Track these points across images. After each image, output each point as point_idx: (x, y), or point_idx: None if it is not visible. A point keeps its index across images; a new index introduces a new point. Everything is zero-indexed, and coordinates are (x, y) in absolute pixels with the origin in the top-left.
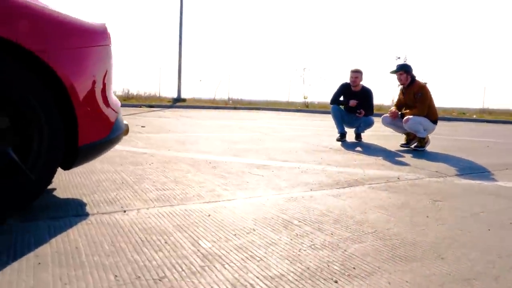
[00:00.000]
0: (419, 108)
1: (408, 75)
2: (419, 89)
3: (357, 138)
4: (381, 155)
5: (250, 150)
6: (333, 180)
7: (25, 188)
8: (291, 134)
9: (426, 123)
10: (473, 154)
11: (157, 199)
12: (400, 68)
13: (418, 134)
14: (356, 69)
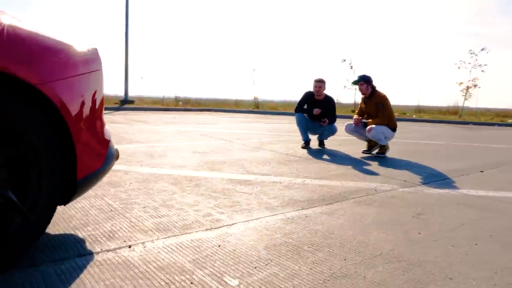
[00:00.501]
0: (381, 117)
1: (369, 86)
2: (381, 99)
3: (320, 145)
4: (350, 163)
5: (223, 162)
6: (319, 196)
7: (24, 231)
8: (255, 142)
9: (387, 131)
10: (428, 159)
11: (157, 228)
12: (361, 79)
13: (380, 142)
14: (319, 78)
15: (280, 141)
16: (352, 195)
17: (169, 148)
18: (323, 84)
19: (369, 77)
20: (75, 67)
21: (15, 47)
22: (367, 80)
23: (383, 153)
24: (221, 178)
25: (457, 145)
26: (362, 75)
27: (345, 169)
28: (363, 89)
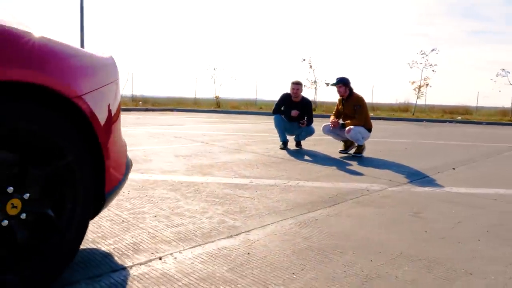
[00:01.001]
0: (358, 118)
1: (347, 88)
2: (358, 101)
3: (297, 145)
4: (332, 164)
5: (211, 166)
6: (318, 198)
7: (62, 249)
8: (232, 143)
9: (364, 132)
10: (402, 158)
11: (178, 238)
12: (339, 81)
13: (358, 142)
14: (297, 81)
15: (256, 142)
16: (348, 196)
17: (149, 152)
18: (300, 86)
19: (347, 79)
20: (102, 78)
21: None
22: (345, 83)
23: (360, 153)
24: (217, 182)
25: (422, 143)
26: (340, 77)
27: (330, 170)
28: (341, 91)
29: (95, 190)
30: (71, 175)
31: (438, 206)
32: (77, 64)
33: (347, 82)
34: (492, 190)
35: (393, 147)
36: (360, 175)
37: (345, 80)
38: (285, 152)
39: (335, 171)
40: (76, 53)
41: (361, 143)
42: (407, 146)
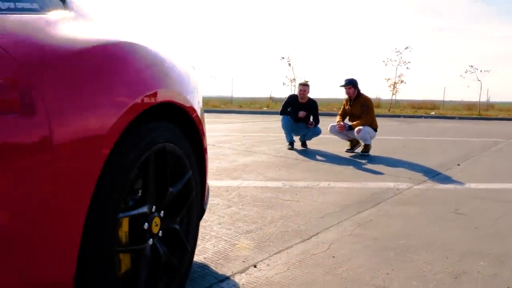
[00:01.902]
0: (366, 118)
1: (355, 89)
2: (365, 101)
3: (303, 145)
4: (347, 163)
5: (234, 169)
6: (357, 198)
7: (183, 263)
8: (238, 144)
9: (371, 131)
10: (406, 155)
11: (257, 245)
12: (348, 82)
13: (366, 142)
14: (304, 82)
15: (260, 143)
16: (384, 195)
17: None
18: (307, 88)
19: (355, 81)
20: (199, 90)
21: (172, 74)
22: (354, 84)
23: (367, 151)
24: (253, 186)
25: (415, 140)
26: (349, 79)
27: (350, 170)
28: (350, 92)
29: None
30: (190, 190)
31: (470, 203)
32: (183, 75)
33: (355, 84)
34: (509, 185)
35: (391, 145)
36: (380, 174)
37: (354, 82)
38: (295, 152)
39: (356, 171)
40: (177, 62)
41: (369, 143)
42: (403, 143)
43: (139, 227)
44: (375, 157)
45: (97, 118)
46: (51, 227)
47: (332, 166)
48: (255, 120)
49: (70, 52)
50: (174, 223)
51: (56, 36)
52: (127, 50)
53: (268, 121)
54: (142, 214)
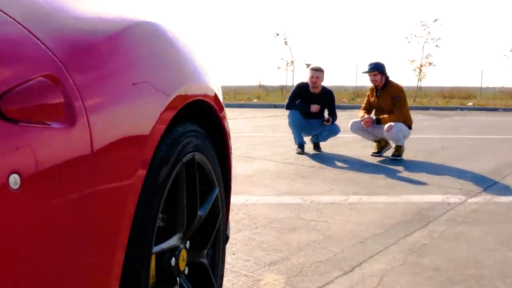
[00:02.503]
0: (398, 113)
1: (383, 76)
2: (397, 92)
3: (316, 148)
4: (376, 171)
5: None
6: (400, 216)
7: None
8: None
9: (405, 130)
10: (448, 159)
11: (290, 282)
12: (373, 67)
13: (398, 142)
14: (317, 67)
15: (258, 145)
16: (434, 212)
17: None
18: (321, 74)
19: (382, 65)
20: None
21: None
22: (381, 70)
23: (400, 155)
24: (265, 203)
25: (453, 138)
26: (374, 63)
27: (382, 179)
28: (376, 80)
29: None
30: (217, 212)
31: None
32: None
33: (382, 69)
34: None
35: (426, 145)
36: (422, 184)
37: (381, 66)
38: (308, 158)
39: (391, 181)
40: (206, 63)
41: (402, 143)
42: (441, 143)
43: (165, 263)
44: (410, 161)
45: (139, 120)
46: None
47: (359, 174)
48: (244, 115)
49: (111, 37)
50: (201, 256)
51: (90, 19)
52: (165, 33)
53: (261, 117)
54: (171, 247)
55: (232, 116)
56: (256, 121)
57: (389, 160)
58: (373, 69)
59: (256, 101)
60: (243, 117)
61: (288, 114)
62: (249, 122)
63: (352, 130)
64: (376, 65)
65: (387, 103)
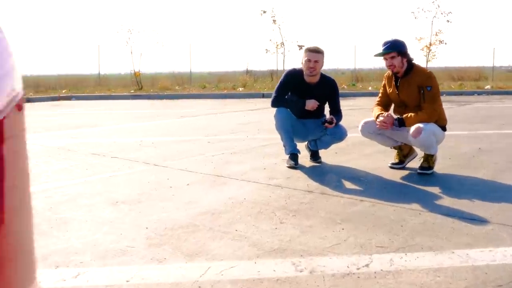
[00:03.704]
0: (428, 110)
1: (404, 58)
2: (426, 79)
3: (313, 158)
4: (403, 197)
5: (194, 228)
6: None
7: None
8: (200, 160)
9: (439, 132)
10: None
11: None
12: (390, 47)
13: (430, 151)
14: (315, 47)
15: (236, 154)
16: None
17: (58, 200)
18: (321, 56)
19: (401, 43)
20: None
21: None
22: (400, 49)
23: (431, 167)
24: (230, 280)
25: (486, 135)
26: (391, 41)
27: (416, 215)
28: (395, 65)
29: None
30: None
31: None
32: None
33: (402, 49)
34: None
35: (458, 148)
36: (481, 223)
37: (400, 45)
38: (303, 175)
39: (431, 219)
40: None
41: (434, 152)
42: (476, 143)
43: None
44: (445, 177)
45: None
46: None
47: (379, 206)
48: (226, 108)
49: None
50: None
51: None
52: None
53: (246, 110)
54: None
55: (210, 110)
56: (239, 116)
57: (417, 175)
58: (389, 50)
59: (241, 90)
60: (224, 112)
61: (275, 113)
62: (230, 118)
63: (364, 134)
64: (394, 44)
65: (412, 95)
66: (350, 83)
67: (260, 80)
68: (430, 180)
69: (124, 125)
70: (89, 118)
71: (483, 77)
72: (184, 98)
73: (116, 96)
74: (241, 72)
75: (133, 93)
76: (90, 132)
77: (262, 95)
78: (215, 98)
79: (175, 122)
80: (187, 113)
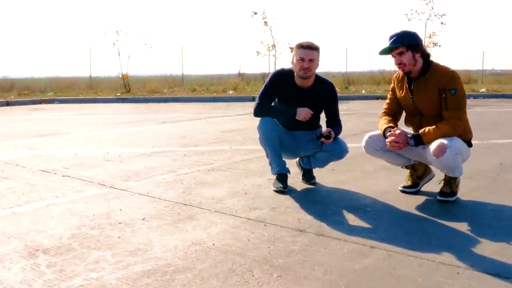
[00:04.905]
0: (454, 120)
1: (417, 53)
2: (450, 81)
3: (306, 178)
4: (424, 242)
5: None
6: None
7: None
8: (168, 181)
9: (465, 150)
10: None
11: None
12: (396, 40)
13: (453, 173)
14: (309, 43)
15: (216, 172)
16: None
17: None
18: (317, 54)
19: (412, 34)
20: None
21: None
22: (411, 42)
23: (454, 193)
24: None
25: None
26: (398, 32)
27: (452, 275)
28: (405, 62)
29: None
30: None
31: None
32: None
33: (413, 41)
34: None
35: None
36: None
37: (409, 37)
38: (294, 203)
39: (485, 281)
40: None
41: (460, 174)
42: (494, 157)
43: None
44: (472, 206)
45: None
46: None
47: (398, 254)
48: (213, 112)
49: None
50: None
51: None
52: None
53: (234, 115)
54: None
55: (196, 114)
56: (225, 122)
57: (437, 204)
58: (396, 44)
59: (231, 93)
60: (210, 117)
61: (259, 124)
62: (215, 124)
63: (368, 151)
64: (402, 36)
65: (431, 101)
66: (343, 86)
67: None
68: (455, 211)
69: (96, 133)
70: (62, 124)
71: (472, 80)
72: (172, 102)
73: (101, 99)
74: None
75: (119, 96)
76: (54, 141)
77: (252, 98)
78: (204, 102)
79: (153, 129)
80: (170, 118)
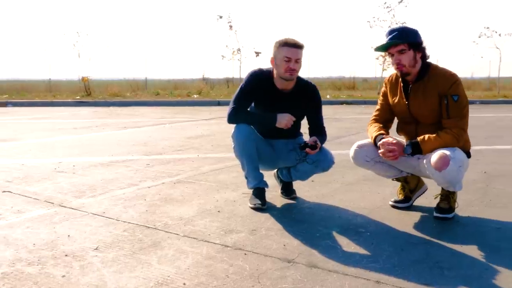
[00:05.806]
0: (456, 129)
1: (418, 53)
2: (452, 85)
3: (286, 192)
4: (446, 277)
5: None
6: None
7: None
8: (128, 196)
9: (466, 162)
10: None
11: None
12: (397, 36)
13: (454, 187)
14: (295, 41)
15: (182, 185)
16: None
17: None
18: (302, 54)
19: (414, 32)
20: None
21: None
22: (414, 41)
23: (452, 209)
24: None
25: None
26: (399, 28)
27: None
28: (404, 63)
29: None
30: None
31: None
32: None
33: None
34: None
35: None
36: None
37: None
38: (274, 222)
39: None
40: None
41: (460, 189)
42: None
43: None
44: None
45: None
46: None
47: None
48: (177, 117)
49: None
50: None
51: None
52: None
53: (200, 120)
54: None
55: (160, 119)
56: (191, 127)
57: (434, 222)
58: (397, 40)
59: (196, 97)
60: (174, 121)
61: (234, 132)
62: (180, 130)
63: (357, 162)
64: (403, 32)
65: (430, 108)
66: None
67: (217, 87)
68: (458, 231)
69: (49, 139)
70: (10, 129)
71: None
72: (135, 106)
73: (59, 102)
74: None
75: (78, 99)
76: (3, 147)
77: (217, 102)
78: (168, 106)
79: (113, 135)
80: (132, 123)
